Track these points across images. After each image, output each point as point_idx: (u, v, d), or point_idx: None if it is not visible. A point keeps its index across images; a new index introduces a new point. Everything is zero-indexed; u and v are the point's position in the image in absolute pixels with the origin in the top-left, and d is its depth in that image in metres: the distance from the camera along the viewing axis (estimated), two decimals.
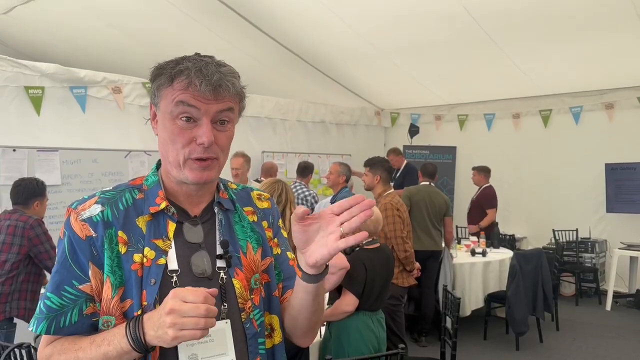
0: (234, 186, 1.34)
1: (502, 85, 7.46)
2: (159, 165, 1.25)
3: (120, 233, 1.13)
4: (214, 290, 1.03)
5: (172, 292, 1.02)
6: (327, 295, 3.14)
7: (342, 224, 1.01)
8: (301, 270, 1.11)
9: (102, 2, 5.49)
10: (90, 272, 1.12)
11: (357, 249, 3.08)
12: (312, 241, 1.06)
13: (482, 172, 7.07)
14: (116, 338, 1.05)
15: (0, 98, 4.65)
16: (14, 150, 4.61)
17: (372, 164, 4.67)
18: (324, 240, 1.03)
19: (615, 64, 6.35)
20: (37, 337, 3.52)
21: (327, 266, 1.11)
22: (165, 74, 1.13)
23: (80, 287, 1.11)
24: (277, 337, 1.26)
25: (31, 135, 4.79)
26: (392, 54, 6.56)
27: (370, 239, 3.11)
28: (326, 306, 3.09)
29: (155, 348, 1.07)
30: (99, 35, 6.20)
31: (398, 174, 7.27)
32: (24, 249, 3.48)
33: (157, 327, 1.01)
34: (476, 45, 6.02)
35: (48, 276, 3.77)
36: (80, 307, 1.11)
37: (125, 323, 1.07)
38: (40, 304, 1.12)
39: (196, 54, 1.16)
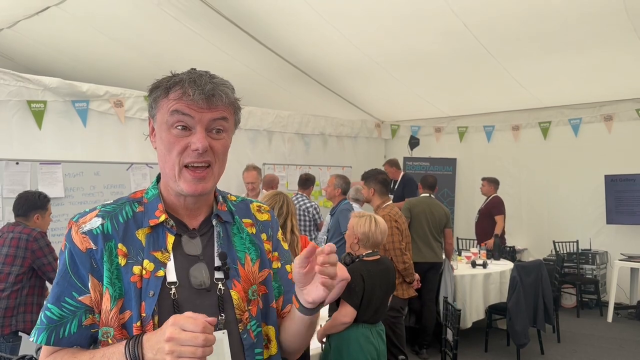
0: (233, 198, 1.36)
1: (501, 97, 7.51)
2: (159, 178, 1.28)
3: (120, 245, 1.16)
4: (213, 320, 1.04)
5: (171, 318, 1.02)
6: (327, 307, 3.15)
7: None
8: (299, 302, 1.18)
9: (105, 16, 5.55)
10: (89, 284, 1.14)
11: (357, 260, 3.10)
12: (309, 282, 1.14)
13: (492, 183, 7.21)
14: (115, 356, 1.07)
15: (2, 112, 4.69)
16: (17, 163, 4.63)
17: (366, 177, 4.72)
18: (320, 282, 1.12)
19: (614, 76, 6.40)
20: (39, 349, 3.52)
21: (320, 306, 1.18)
22: (162, 87, 1.17)
23: (79, 298, 1.14)
24: (274, 348, 1.29)
25: (33, 149, 4.82)
26: (392, 67, 6.62)
27: (370, 251, 3.13)
28: (327, 318, 3.10)
29: None
30: (102, 48, 6.26)
31: (397, 186, 7.30)
32: (28, 262, 3.49)
33: (156, 351, 1.02)
34: (475, 59, 6.08)
35: (49, 288, 3.79)
36: (80, 318, 1.13)
37: (125, 341, 1.08)
38: (41, 315, 1.14)
39: (192, 69, 1.20)
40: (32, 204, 3.68)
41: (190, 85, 1.13)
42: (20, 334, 3.55)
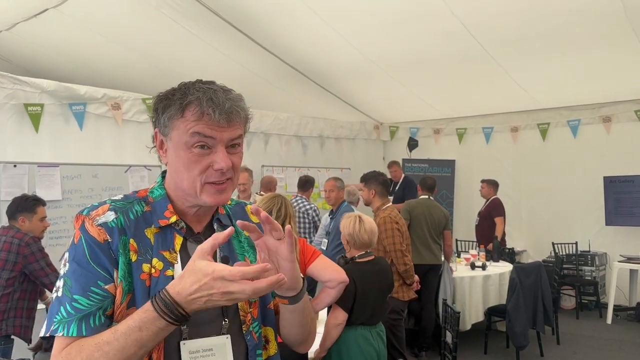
0: (228, 202, 1.38)
1: (500, 99, 7.51)
2: (163, 177, 1.28)
3: (131, 241, 1.15)
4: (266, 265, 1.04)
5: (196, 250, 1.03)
6: (325, 310, 3.14)
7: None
8: (283, 297, 1.23)
9: (102, 17, 5.55)
10: (114, 275, 1.12)
11: (349, 262, 3.09)
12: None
13: (492, 185, 7.22)
14: (137, 315, 1.03)
15: (1, 114, 4.68)
16: (15, 166, 4.62)
17: (367, 179, 4.70)
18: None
19: (612, 77, 6.40)
20: (35, 354, 3.51)
21: (303, 286, 1.22)
22: (175, 105, 1.16)
23: (106, 287, 1.11)
24: (272, 349, 1.30)
25: (30, 152, 4.81)
26: (391, 69, 6.62)
27: (363, 252, 3.12)
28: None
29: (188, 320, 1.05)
30: (100, 50, 6.24)
31: (397, 187, 7.29)
32: (18, 266, 3.45)
33: (207, 294, 1.00)
34: (474, 60, 6.07)
35: (47, 292, 3.78)
36: (106, 307, 1.10)
37: (147, 306, 1.03)
38: (66, 308, 1.08)
39: (198, 80, 1.19)
40: (17, 206, 3.63)
41: (209, 104, 1.13)
42: (12, 337, 3.52)
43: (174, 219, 1.20)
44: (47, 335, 1.09)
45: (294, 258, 1.14)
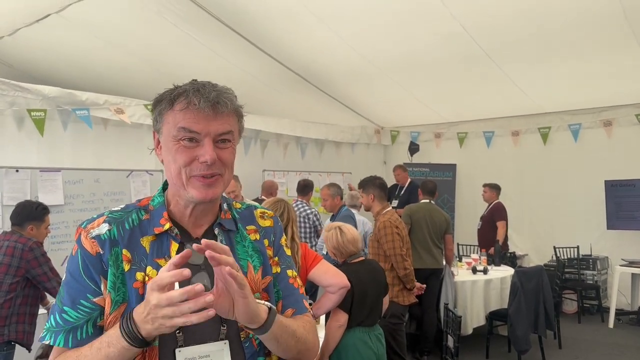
0: (238, 205, 1.37)
1: (501, 102, 7.52)
2: (165, 186, 1.28)
3: (124, 251, 1.17)
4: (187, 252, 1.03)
5: (149, 284, 1.02)
6: (323, 316, 3.15)
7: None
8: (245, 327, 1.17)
9: (104, 22, 5.56)
10: (102, 286, 1.15)
11: (343, 264, 3.13)
12: (231, 307, 1.10)
13: (494, 189, 7.23)
14: (113, 338, 1.07)
15: (2, 120, 4.70)
16: (17, 170, 4.63)
17: (364, 184, 4.69)
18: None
19: (613, 81, 6.40)
20: (37, 358, 3.51)
21: (266, 322, 1.13)
22: (165, 100, 1.19)
23: (95, 300, 1.15)
24: (275, 356, 1.29)
25: (33, 157, 4.83)
26: (392, 73, 6.62)
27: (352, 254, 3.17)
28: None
29: (154, 341, 1.09)
30: (102, 55, 6.27)
31: (403, 192, 7.28)
32: (21, 271, 3.45)
33: (152, 320, 1.01)
34: (475, 63, 6.08)
35: (48, 296, 3.78)
36: (95, 320, 1.15)
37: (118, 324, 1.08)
38: (55, 317, 1.14)
39: (193, 80, 1.21)
40: (27, 214, 3.64)
41: (195, 94, 1.14)
42: (14, 343, 3.51)
43: (167, 226, 1.21)
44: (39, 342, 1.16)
45: (247, 294, 1.06)
